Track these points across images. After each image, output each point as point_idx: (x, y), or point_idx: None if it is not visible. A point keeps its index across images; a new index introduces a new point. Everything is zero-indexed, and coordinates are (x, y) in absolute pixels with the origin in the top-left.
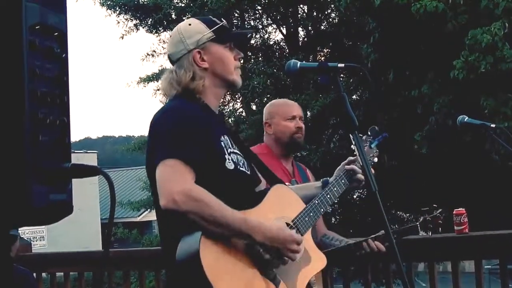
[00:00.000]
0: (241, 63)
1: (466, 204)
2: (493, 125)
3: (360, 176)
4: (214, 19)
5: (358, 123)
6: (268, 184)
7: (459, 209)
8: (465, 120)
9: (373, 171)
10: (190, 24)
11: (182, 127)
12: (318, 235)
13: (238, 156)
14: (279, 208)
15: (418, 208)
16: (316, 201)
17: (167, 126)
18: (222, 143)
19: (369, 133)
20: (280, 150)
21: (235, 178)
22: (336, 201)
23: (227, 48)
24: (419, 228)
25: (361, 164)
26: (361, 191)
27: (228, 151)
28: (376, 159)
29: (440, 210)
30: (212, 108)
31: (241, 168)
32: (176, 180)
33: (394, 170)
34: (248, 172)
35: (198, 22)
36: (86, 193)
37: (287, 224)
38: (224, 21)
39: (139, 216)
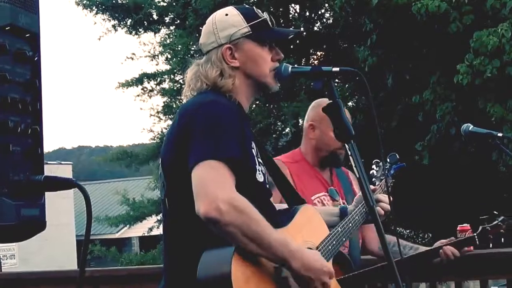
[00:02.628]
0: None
1: (471, 220)
2: (500, 134)
3: (384, 205)
4: (257, 11)
5: (355, 133)
6: (284, 199)
7: (463, 225)
8: (470, 128)
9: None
10: (226, 14)
11: (224, 124)
12: (373, 243)
13: (263, 167)
14: (306, 231)
15: (418, 223)
16: (340, 229)
17: (208, 121)
18: (253, 150)
19: (388, 159)
20: (315, 160)
21: (262, 191)
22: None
23: (264, 47)
24: (477, 239)
25: (357, 176)
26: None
27: (258, 160)
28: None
29: (503, 218)
30: (244, 109)
31: (266, 182)
32: (221, 185)
33: (393, 183)
34: (268, 186)
35: (236, 13)
36: (60, 208)
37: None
38: (266, 15)
39: (117, 232)
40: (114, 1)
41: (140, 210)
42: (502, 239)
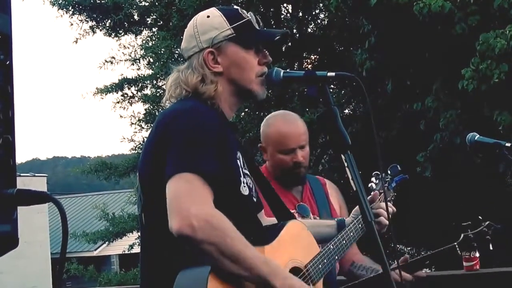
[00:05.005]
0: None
1: (503, 244)
2: (508, 144)
3: (383, 220)
4: (242, 12)
5: (352, 142)
6: (273, 214)
7: None
8: (476, 138)
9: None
10: (208, 16)
11: (203, 134)
12: (346, 264)
13: (249, 179)
14: (293, 249)
15: (420, 240)
16: (332, 246)
17: (185, 131)
18: (238, 161)
19: (389, 171)
20: (278, 177)
21: (247, 206)
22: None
23: (250, 50)
24: (458, 249)
25: (354, 189)
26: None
27: (243, 172)
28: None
29: (488, 222)
30: (227, 117)
31: (253, 195)
32: (196, 200)
33: (394, 196)
34: (255, 199)
35: (219, 14)
36: (34, 224)
37: (300, 270)
38: (251, 15)
39: (95, 250)
40: (92, 1)
41: (120, 226)
42: (491, 245)
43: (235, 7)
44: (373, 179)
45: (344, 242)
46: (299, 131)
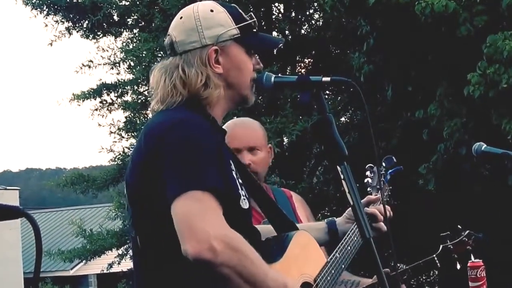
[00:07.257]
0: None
1: (484, 254)
2: None
3: (382, 225)
4: (241, 11)
5: (349, 153)
6: (270, 223)
7: (475, 260)
8: (483, 148)
9: (389, 212)
10: (212, 11)
11: (203, 149)
12: None
13: (244, 190)
14: (302, 263)
15: (422, 257)
16: (338, 255)
17: (182, 145)
18: (233, 173)
19: (383, 163)
20: None
21: (247, 220)
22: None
23: (249, 53)
24: (437, 261)
25: (351, 203)
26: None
27: (239, 183)
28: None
29: (468, 232)
30: (218, 124)
31: (250, 206)
32: (211, 220)
33: (394, 211)
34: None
35: (223, 11)
36: (5, 240)
37: (310, 284)
38: (254, 17)
39: (71, 269)
40: (68, 0)
41: (99, 243)
42: (472, 256)
43: (233, 5)
44: (367, 173)
45: (349, 248)
46: (248, 132)
